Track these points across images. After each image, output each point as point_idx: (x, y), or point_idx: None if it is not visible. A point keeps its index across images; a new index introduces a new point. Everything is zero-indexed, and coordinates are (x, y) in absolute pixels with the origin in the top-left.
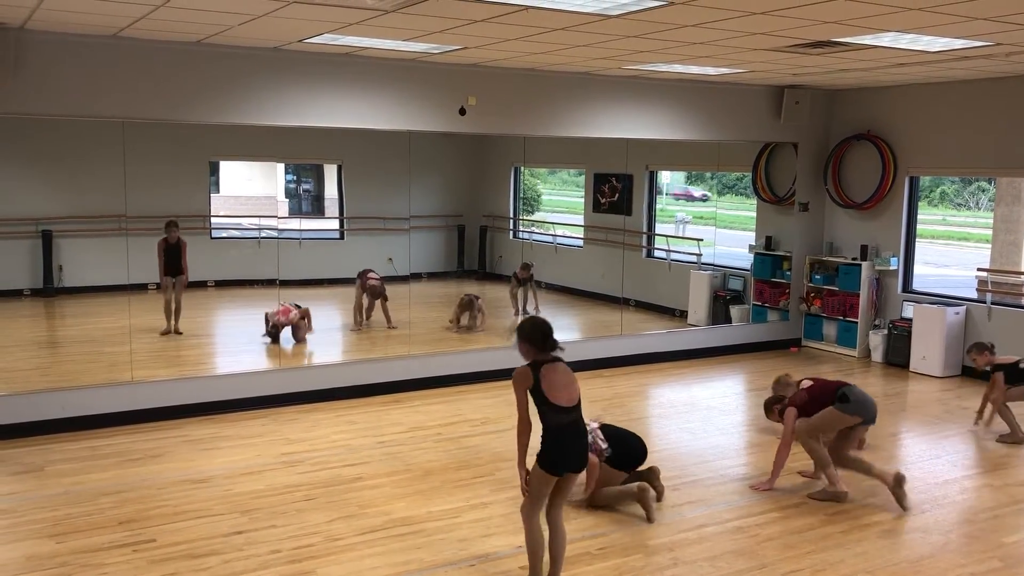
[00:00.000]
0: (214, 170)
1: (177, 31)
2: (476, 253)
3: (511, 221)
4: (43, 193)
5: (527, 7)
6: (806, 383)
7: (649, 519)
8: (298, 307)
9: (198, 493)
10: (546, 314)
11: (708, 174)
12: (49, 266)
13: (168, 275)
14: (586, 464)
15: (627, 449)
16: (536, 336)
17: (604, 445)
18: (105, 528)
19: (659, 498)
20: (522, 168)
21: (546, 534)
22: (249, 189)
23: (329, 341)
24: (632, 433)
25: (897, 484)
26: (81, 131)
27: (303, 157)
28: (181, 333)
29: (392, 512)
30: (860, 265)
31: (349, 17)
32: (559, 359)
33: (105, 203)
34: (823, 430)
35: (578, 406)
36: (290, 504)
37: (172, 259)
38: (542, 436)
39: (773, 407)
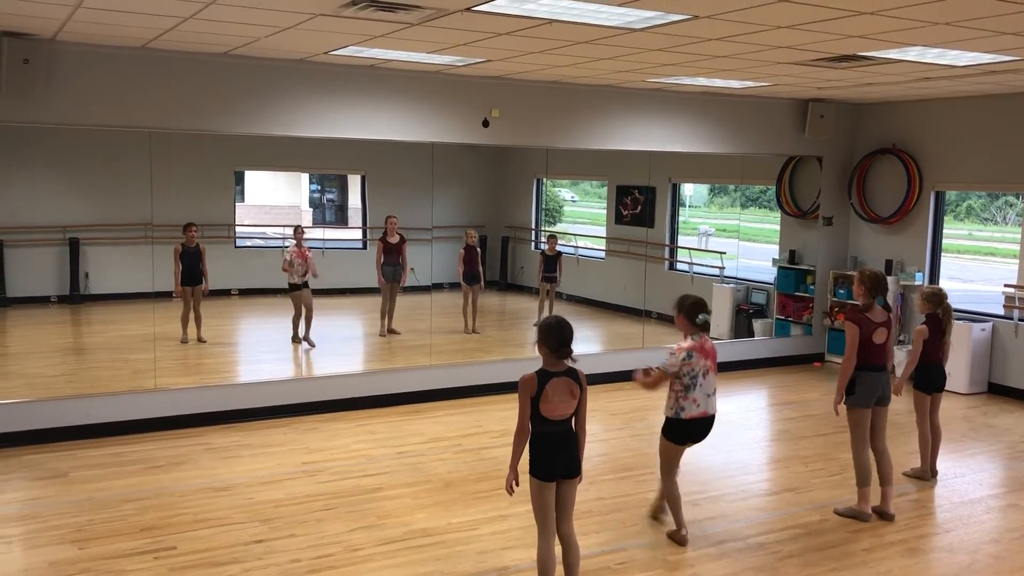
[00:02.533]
0: (239, 179)
1: (205, 43)
2: (498, 264)
3: (533, 232)
4: (71, 201)
5: (552, 21)
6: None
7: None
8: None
9: (219, 501)
10: None
11: (731, 187)
12: (76, 273)
13: (186, 284)
14: (577, 471)
15: (686, 422)
16: (552, 341)
17: (673, 362)
18: (127, 535)
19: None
20: (544, 179)
21: (560, 551)
22: (274, 198)
23: (351, 351)
24: (706, 416)
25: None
26: (109, 140)
27: (327, 167)
28: (205, 341)
29: (412, 523)
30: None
31: (375, 30)
32: (570, 372)
33: (132, 211)
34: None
35: (568, 419)
36: (310, 513)
37: (190, 266)
38: (529, 443)
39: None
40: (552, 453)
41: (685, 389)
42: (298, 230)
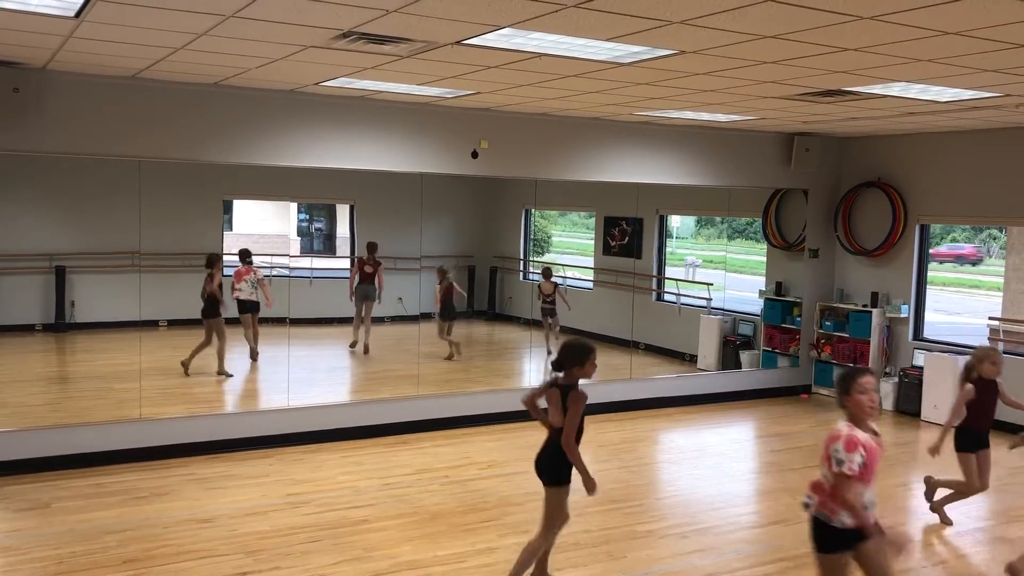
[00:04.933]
0: (228, 208)
1: (195, 73)
2: (486, 294)
3: (521, 263)
4: (58, 229)
5: (541, 55)
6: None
7: None
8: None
9: (203, 533)
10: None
11: (718, 219)
12: (61, 301)
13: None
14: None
15: None
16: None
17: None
18: (109, 567)
19: None
20: (533, 210)
21: None
22: (262, 228)
23: (337, 381)
24: None
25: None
26: (97, 169)
27: (316, 197)
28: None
29: (398, 555)
30: (871, 312)
31: (365, 62)
32: (560, 386)
33: (119, 240)
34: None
35: (555, 432)
36: (295, 545)
37: (214, 302)
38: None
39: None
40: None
41: None
42: (247, 253)
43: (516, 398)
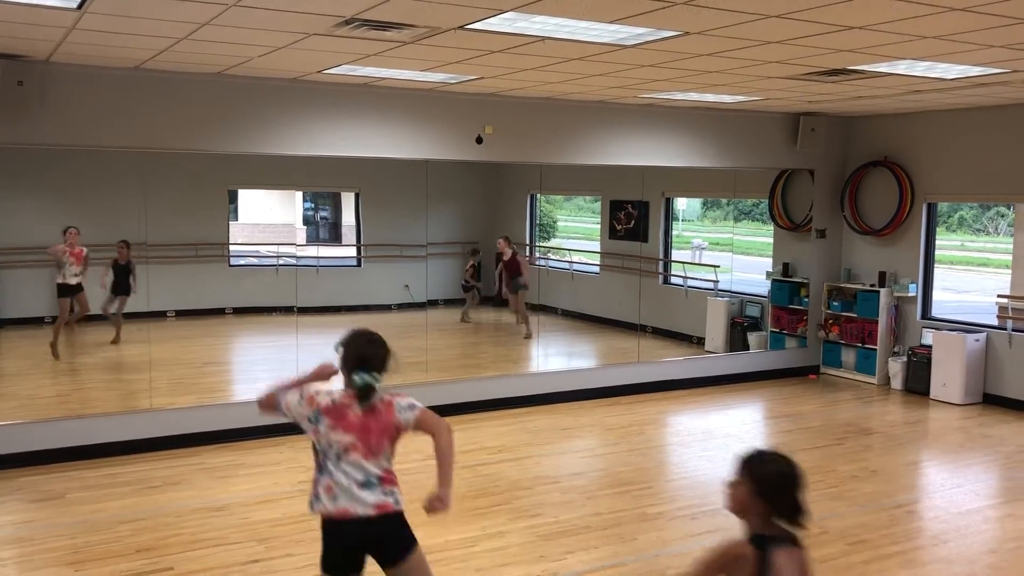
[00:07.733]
0: (233, 198)
1: (198, 63)
2: (492, 280)
3: (527, 248)
4: (64, 221)
5: (544, 38)
6: None
7: None
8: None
9: (215, 521)
10: (563, 340)
11: (724, 200)
12: None
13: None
14: None
15: (323, 521)
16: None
17: (288, 401)
18: (123, 556)
19: None
20: (538, 195)
21: None
22: (268, 217)
23: None
24: None
25: None
26: (102, 160)
27: (321, 185)
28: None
29: None
30: (878, 292)
31: (368, 49)
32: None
33: (126, 231)
34: None
35: None
36: (307, 532)
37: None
38: None
39: None
40: None
41: (319, 468)
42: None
43: (524, 383)
